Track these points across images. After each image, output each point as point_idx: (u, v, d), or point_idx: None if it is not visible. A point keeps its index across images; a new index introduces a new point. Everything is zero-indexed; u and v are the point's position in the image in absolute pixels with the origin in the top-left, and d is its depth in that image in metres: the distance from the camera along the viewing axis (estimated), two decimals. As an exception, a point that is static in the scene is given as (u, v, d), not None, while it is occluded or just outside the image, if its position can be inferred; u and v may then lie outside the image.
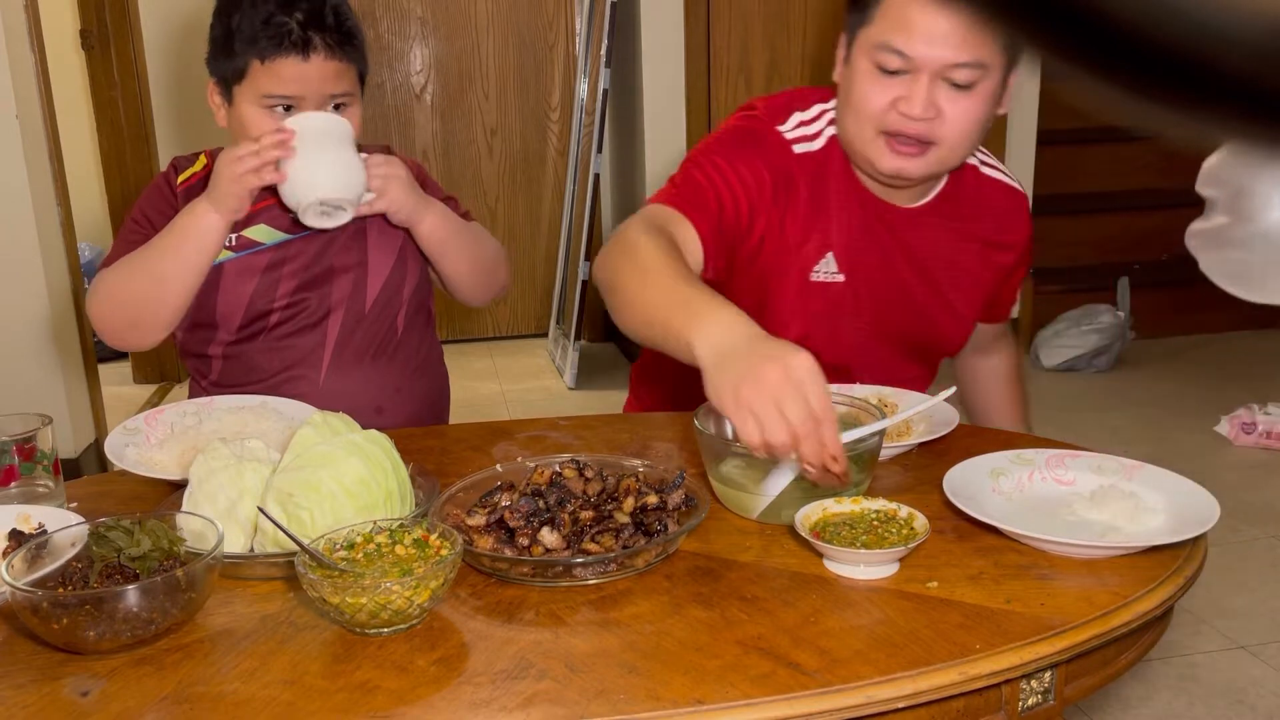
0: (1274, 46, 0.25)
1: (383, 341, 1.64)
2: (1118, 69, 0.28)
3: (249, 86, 1.51)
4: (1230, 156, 0.49)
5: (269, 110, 1.51)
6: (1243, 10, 0.25)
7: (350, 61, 1.54)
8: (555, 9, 4.38)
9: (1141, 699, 2.07)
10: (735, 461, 1.23)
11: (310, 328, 1.60)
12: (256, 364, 1.59)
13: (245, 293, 1.57)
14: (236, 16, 1.50)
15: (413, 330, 1.68)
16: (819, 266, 1.54)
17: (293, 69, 1.49)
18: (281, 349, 1.59)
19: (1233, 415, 3.32)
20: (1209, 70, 0.27)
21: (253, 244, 1.58)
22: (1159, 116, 0.29)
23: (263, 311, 1.58)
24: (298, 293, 1.59)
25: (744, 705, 0.88)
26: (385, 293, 1.64)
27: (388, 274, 1.63)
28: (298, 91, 1.50)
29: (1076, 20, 0.28)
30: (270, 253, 1.58)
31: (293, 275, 1.59)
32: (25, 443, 1.29)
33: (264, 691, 0.92)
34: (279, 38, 1.48)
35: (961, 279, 1.60)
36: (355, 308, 1.62)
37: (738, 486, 1.21)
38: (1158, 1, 0.26)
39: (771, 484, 1.19)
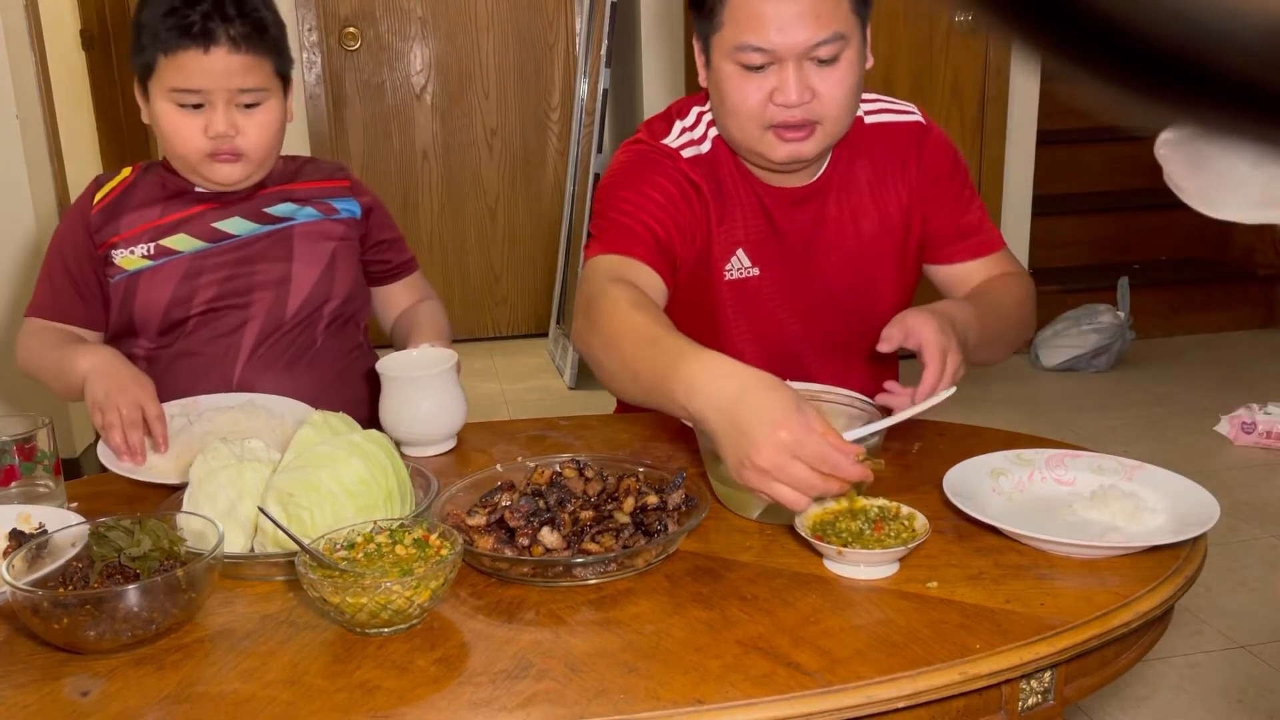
0: (1274, 47, 0.25)
1: (300, 350, 1.61)
2: (1118, 69, 0.28)
3: (157, 82, 1.50)
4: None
5: (179, 108, 1.50)
6: (1242, 10, 0.25)
7: (260, 55, 1.51)
8: (555, 9, 4.38)
9: (1141, 699, 2.07)
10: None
11: (225, 335, 1.58)
12: (173, 368, 1.57)
13: (161, 300, 1.56)
14: (144, 11, 1.50)
15: (335, 340, 1.65)
16: (731, 264, 1.55)
17: (194, 62, 1.47)
18: (196, 354, 1.57)
19: (1233, 415, 3.32)
20: (1209, 70, 0.27)
21: (170, 252, 1.57)
22: (1159, 116, 0.29)
23: (179, 319, 1.56)
24: (215, 300, 1.57)
25: (744, 705, 0.88)
26: (308, 305, 1.61)
27: (311, 286, 1.61)
28: (202, 85, 1.48)
29: (1076, 20, 0.28)
30: (188, 260, 1.57)
31: (211, 284, 1.57)
32: (25, 443, 1.29)
33: (264, 691, 0.92)
34: (180, 30, 1.46)
35: (880, 236, 1.59)
36: (275, 316, 1.59)
37: (738, 486, 1.21)
38: (1158, 2, 0.26)
39: None
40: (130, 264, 1.56)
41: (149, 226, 1.57)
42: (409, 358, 1.49)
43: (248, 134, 1.52)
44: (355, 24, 4.24)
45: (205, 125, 1.50)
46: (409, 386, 1.43)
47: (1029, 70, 3.70)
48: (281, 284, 1.59)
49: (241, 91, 1.51)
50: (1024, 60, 0.30)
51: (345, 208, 1.67)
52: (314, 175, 1.68)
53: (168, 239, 1.57)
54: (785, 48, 1.38)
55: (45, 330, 1.57)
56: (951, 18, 3.84)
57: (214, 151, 1.52)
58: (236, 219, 1.59)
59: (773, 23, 1.37)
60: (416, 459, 1.39)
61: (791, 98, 1.40)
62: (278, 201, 1.62)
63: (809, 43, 1.38)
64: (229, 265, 1.58)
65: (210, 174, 1.55)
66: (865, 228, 1.59)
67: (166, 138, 1.53)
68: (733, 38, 1.40)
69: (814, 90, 1.41)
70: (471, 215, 4.49)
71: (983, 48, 3.91)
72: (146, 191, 1.60)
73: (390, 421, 1.43)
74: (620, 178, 1.53)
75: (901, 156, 1.59)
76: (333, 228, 1.64)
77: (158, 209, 1.58)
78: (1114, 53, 0.28)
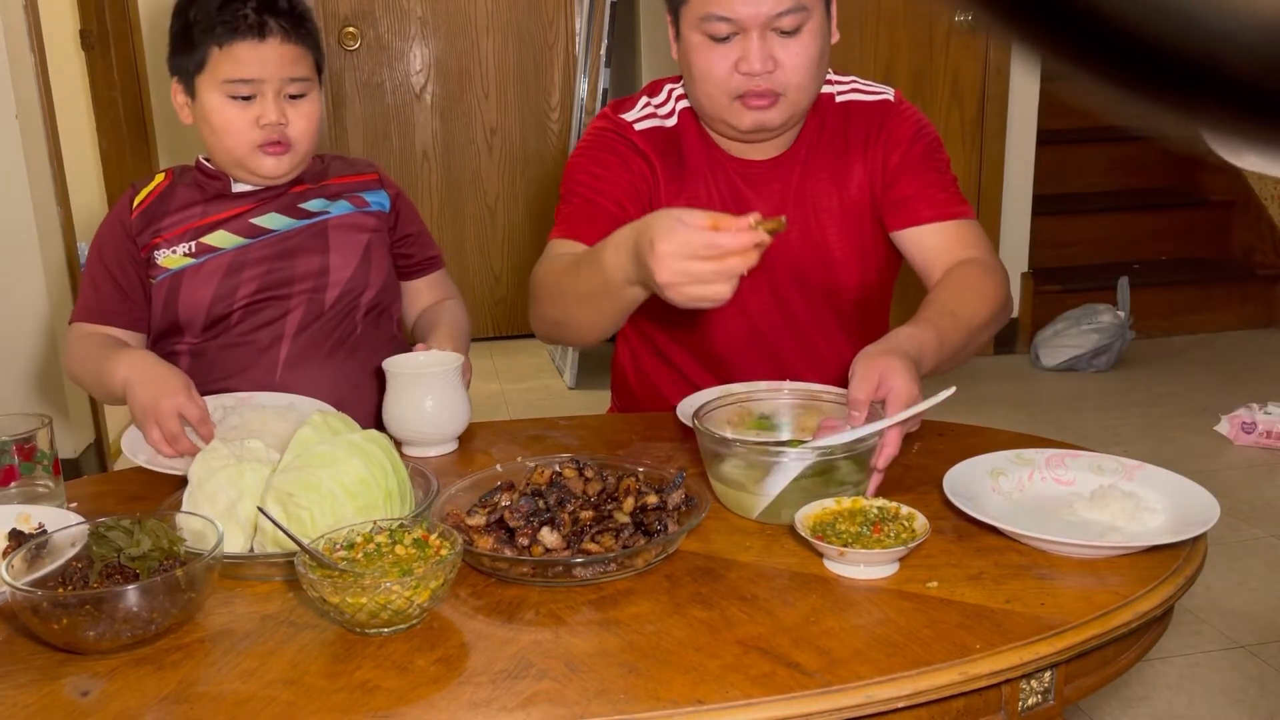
0: (1274, 47, 0.25)
1: (341, 337, 1.65)
2: (1118, 69, 0.28)
3: (209, 75, 1.55)
4: None
5: (231, 100, 1.55)
6: (1243, 11, 0.25)
7: (306, 46, 1.58)
8: (555, 9, 4.38)
9: (1141, 699, 2.07)
10: (735, 461, 1.23)
11: (268, 324, 1.61)
12: (219, 361, 1.61)
13: (205, 297, 1.59)
14: (193, 9, 1.55)
15: (374, 329, 1.69)
16: None
17: (250, 52, 1.53)
18: (241, 345, 1.61)
19: (1233, 415, 3.32)
20: (1209, 71, 0.27)
21: (211, 250, 1.60)
22: (1159, 117, 0.29)
23: (223, 314, 1.60)
24: (258, 293, 1.61)
25: (744, 705, 0.88)
26: (346, 295, 1.64)
27: (349, 277, 1.64)
28: (257, 74, 1.54)
29: (1077, 20, 0.28)
30: (230, 256, 1.60)
31: (253, 279, 1.60)
32: (25, 443, 1.29)
33: (264, 691, 0.92)
34: (234, 22, 1.52)
35: (841, 214, 1.60)
36: (314, 306, 1.63)
37: (738, 486, 1.21)
38: (1158, 3, 0.26)
39: (771, 484, 1.19)
40: (173, 263, 1.59)
41: (190, 227, 1.61)
42: (416, 358, 1.50)
43: (295, 124, 1.58)
44: (355, 24, 4.24)
45: (257, 116, 1.55)
46: (413, 384, 1.43)
47: (1029, 70, 3.70)
48: (320, 275, 1.63)
49: (291, 81, 1.56)
50: (1024, 60, 0.30)
51: (376, 200, 1.71)
52: (343, 170, 1.72)
53: (208, 237, 1.60)
54: (749, 17, 1.44)
55: (88, 338, 1.59)
56: (952, 18, 3.84)
57: (264, 142, 1.56)
58: (273, 214, 1.63)
59: None
60: (416, 459, 1.39)
61: (755, 66, 1.45)
62: (311, 197, 1.66)
63: (771, 12, 1.43)
64: (269, 259, 1.61)
65: (258, 167, 1.59)
66: (826, 205, 1.60)
67: (218, 131, 1.57)
68: (699, 8, 1.46)
69: (777, 60, 1.46)
70: (471, 215, 4.49)
71: (983, 48, 3.91)
72: (185, 194, 1.63)
73: (392, 419, 1.44)
74: (584, 154, 1.60)
75: (865, 134, 1.60)
76: (365, 219, 1.68)
77: (198, 209, 1.62)
78: (1114, 53, 0.28)
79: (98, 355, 1.53)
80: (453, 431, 1.46)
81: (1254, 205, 4.56)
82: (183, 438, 1.38)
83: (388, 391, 1.45)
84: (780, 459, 1.18)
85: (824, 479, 1.19)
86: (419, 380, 1.43)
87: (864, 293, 1.65)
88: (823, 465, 1.19)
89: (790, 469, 1.17)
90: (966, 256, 1.53)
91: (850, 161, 1.60)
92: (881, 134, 1.60)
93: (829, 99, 1.61)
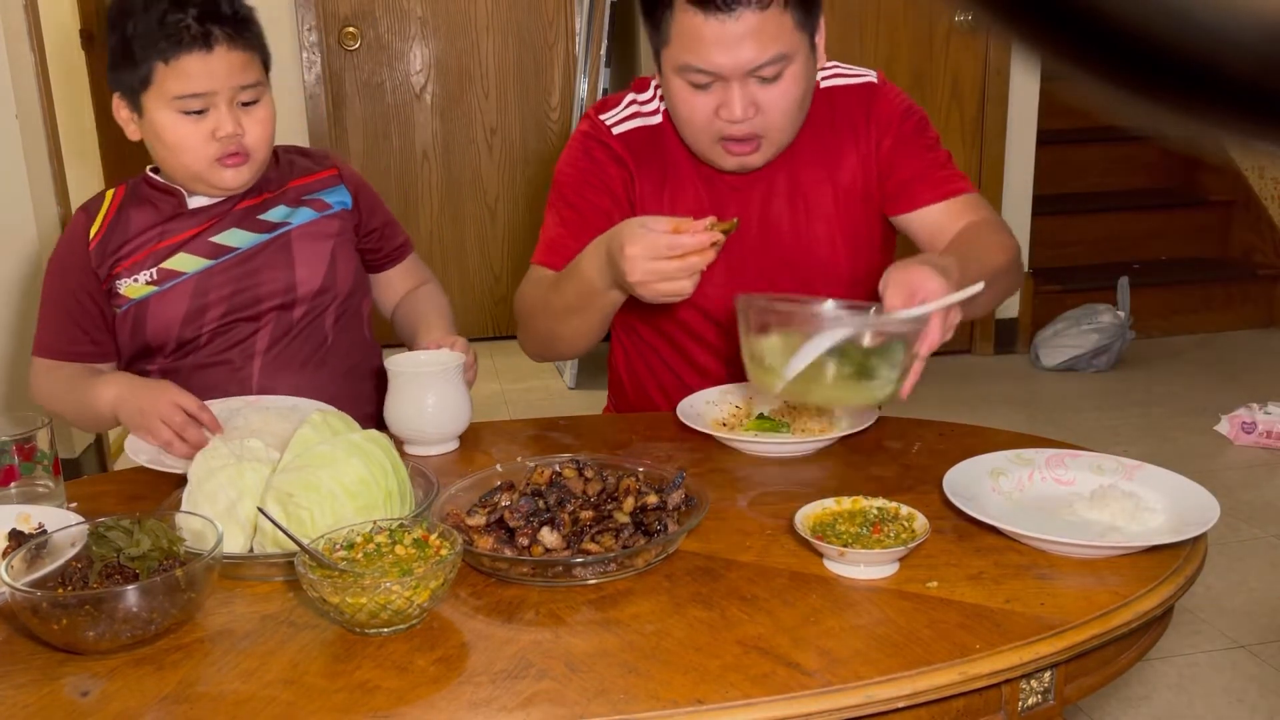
0: (1274, 47, 0.25)
1: (312, 348, 1.62)
2: (1118, 69, 0.28)
3: (156, 92, 1.48)
4: None
5: (184, 115, 1.49)
6: (1243, 12, 0.25)
7: (253, 50, 1.51)
8: (555, 9, 4.38)
9: (1141, 699, 2.07)
10: (771, 340, 1.25)
11: (238, 343, 1.58)
12: (192, 380, 1.56)
13: (174, 321, 1.55)
14: (130, 23, 1.46)
15: (344, 335, 1.66)
16: None
17: (198, 65, 1.46)
18: (213, 364, 1.58)
19: (1233, 415, 3.32)
20: (1209, 71, 0.27)
21: (175, 275, 1.56)
22: (1159, 117, 0.29)
23: (193, 336, 1.57)
24: (226, 316, 1.57)
25: (744, 705, 0.88)
26: (315, 308, 1.62)
27: (317, 287, 1.61)
28: (207, 87, 1.47)
29: (1077, 20, 0.28)
30: (194, 280, 1.56)
31: (220, 301, 1.57)
32: (25, 443, 1.29)
33: (264, 691, 0.92)
34: (178, 35, 1.44)
35: (833, 203, 1.59)
36: (284, 321, 1.60)
37: (761, 366, 1.24)
38: (1158, 3, 0.26)
39: (797, 360, 1.20)
40: (135, 292, 1.55)
41: (149, 252, 1.56)
42: (418, 357, 1.50)
43: (251, 131, 1.52)
44: (355, 24, 4.24)
45: (212, 129, 1.49)
46: (414, 383, 1.43)
47: (1029, 70, 3.70)
48: (287, 291, 1.59)
49: (242, 89, 1.50)
50: (1024, 60, 0.30)
51: (337, 200, 1.66)
52: (303, 168, 1.66)
53: (169, 261, 1.56)
54: (728, 69, 1.40)
55: (55, 370, 1.57)
56: (952, 18, 3.84)
57: (222, 155, 1.51)
58: (234, 230, 1.58)
59: (714, 45, 1.39)
60: (417, 459, 1.39)
61: (736, 113, 1.43)
62: (271, 206, 1.61)
63: (750, 64, 1.40)
64: (234, 280, 1.57)
65: (218, 181, 1.54)
66: (817, 196, 1.59)
67: (172, 149, 1.51)
68: (678, 56, 1.43)
69: (758, 105, 1.44)
70: (471, 215, 4.49)
71: (983, 48, 3.91)
72: (141, 217, 1.58)
73: (394, 418, 1.44)
74: (561, 170, 1.61)
75: (852, 119, 1.59)
76: (328, 224, 1.64)
77: (156, 231, 1.57)
78: (1114, 53, 0.28)
79: (75, 386, 1.52)
80: (454, 430, 1.46)
81: (1254, 205, 4.56)
82: (190, 428, 1.38)
83: (389, 390, 1.45)
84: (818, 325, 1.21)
85: (857, 368, 1.21)
86: (420, 379, 1.43)
87: (859, 279, 1.63)
88: (857, 356, 1.21)
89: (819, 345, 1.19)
90: (972, 220, 1.54)
91: (839, 148, 1.59)
92: (870, 118, 1.58)
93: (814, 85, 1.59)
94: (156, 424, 1.39)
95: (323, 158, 1.70)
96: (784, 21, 1.39)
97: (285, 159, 1.66)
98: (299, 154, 1.69)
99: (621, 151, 1.58)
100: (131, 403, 1.43)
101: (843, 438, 1.40)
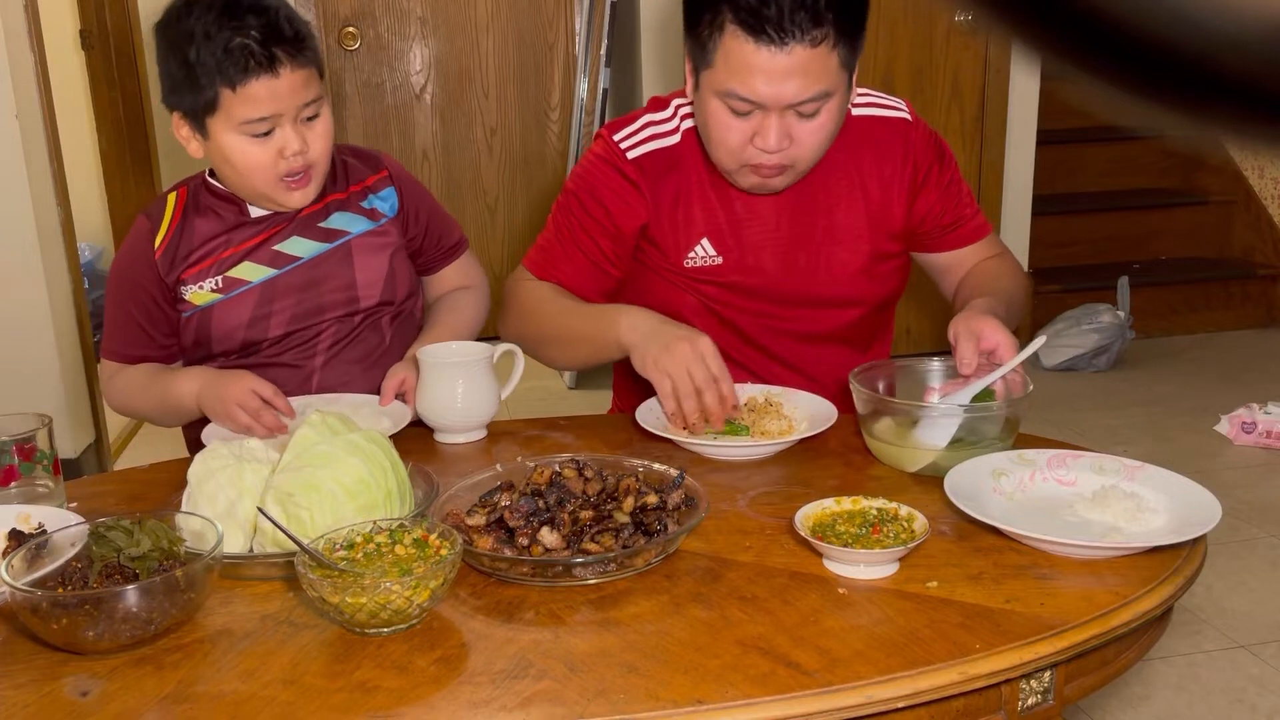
0: (1274, 47, 0.25)
1: (370, 348, 1.64)
2: (1118, 69, 0.28)
3: (224, 117, 1.47)
4: None
5: (250, 138, 1.48)
6: (1242, 11, 0.25)
7: (312, 65, 1.51)
8: (555, 9, 4.38)
9: (1141, 699, 2.07)
10: (888, 421, 1.35)
11: (301, 345, 1.61)
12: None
13: (239, 327, 1.58)
14: (192, 49, 1.45)
15: (400, 337, 1.68)
16: (694, 253, 1.59)
17: (264, 89, 1.45)
18: (274, 365, 1.60)
19: (1233, 415, 3.32)
20: (1209, 71, 0.27)
21: (240, 282, 1.57)
22: (1159, 117, 0.29)
23: (256, 340, 1.59)
24: (290, 324, 1.59)
25: (744, 705, 0.88)
26: (375, 312, 1.64)
27: (378, 296, 1.64)
28: (273, 110, 1.47)
29: (1077, 20, 0.28)
30: (258, 290, 1.58)
31: (284, 310, 1.59)
32: (25, 443, 1.29)
33: (264, 691, 0.92)
34: (244, 61, 1.43)
35: (856, 228, 1.60)
36: (345, 325, 1.62)
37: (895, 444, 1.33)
38: (1158, 3, 0.26)
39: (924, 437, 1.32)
40: (201, 299, 1.57)
41: (214, 261, 1.57)
42: (449, 347, 1.55)
43: (314, 146, 1.52)
44: (355, 24, 4.24)
45: (279, 149, 1.49)
46: (444, 373, 1.48)
47: (1029, 70, 3.70)
48: (349, 301, 1.62)
49: (305, 105, 1.50)
50: (1024, 60, 0.30)
51: (389, 205, 1.68)
52: (358, 174, 1.67)
53: (234, 270, 1.57)
54: (770, 100, 1.41)
55: (130, 373, 1.61)
56: (952, 18, 3.84)
57: (288, 174, 1.51)
58: (296, 239, 1.60)
59: (761, 76, 1.39)
60: (445, 443, 1.48)
61: (770, 144, 1.43)
62: (331, 213, 1.63)
63: (794, 99, 1.41)
64: (297, 290, 1.59)
65: (284, 201, 1.55)
66: (841, 219, 1.60)
67: (241, 172, 1.51)
68: (722, 81, 1.42)
69: (793, 138, 1.44)
70: (471, 215, 4.49)
71: (983, 48, 3.90)
72: (205, 225, 1.59)
73: (424, 406, 1.49)
74: (571, 187, 1.63)
75: (887, 152, 1.60)
76: (384, 233, 1.66)
77: (221, 239, 1.58)
78: (1114, 53, 0.28)
79: (154, 384, 1.57)
80: (482, 419, 1.51)
81: (1254, 205, 4.56)
82: (265, 412, 1.45)
83: (420, 380, 1.50)
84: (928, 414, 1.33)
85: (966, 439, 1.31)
86: (450, 369, 1.48)
87: (873, 304, 1.67)
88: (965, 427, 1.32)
89: (945, 424, 1.31)
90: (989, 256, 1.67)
91: (868, 180, 1.60)
92: (905, 155, 1.60)
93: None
94: (235, 410, 1.44)
95: (375, 160, 1.71)
96: (830, 60, 1.39)
97: (340, 161, 1.67)
98: (352, 154, 1.69)
99: (635, 175, 1.58)
100: (210, 390, 1.49)
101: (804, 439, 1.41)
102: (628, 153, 1.59)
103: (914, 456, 1.32)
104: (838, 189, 1.59)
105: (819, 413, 1.46)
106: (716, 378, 1.38)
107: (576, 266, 1.61)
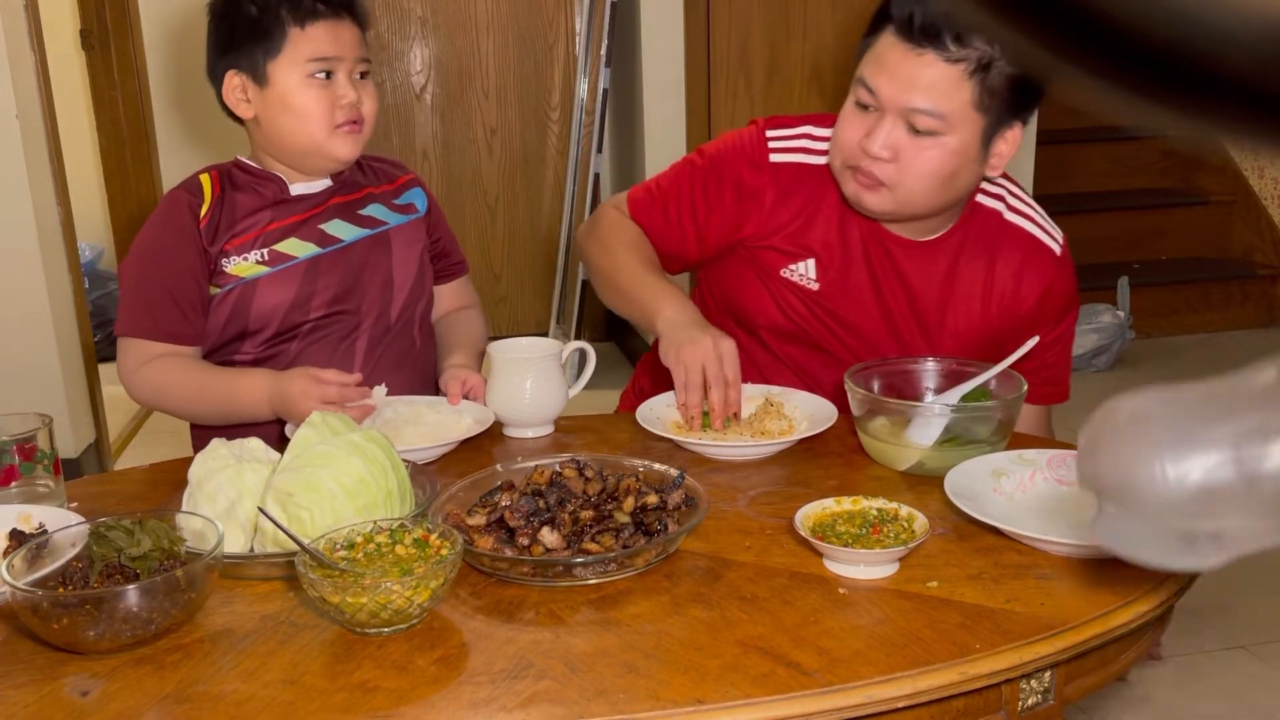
0: (1274, 47, 0.25)
1: (403, 351, 1.66)
2: (1117, 68, 0.28)
3: (289, 57, 1.52)
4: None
5: (311, 79, 1.52)
6: (1242, 10, 0.25)
7: (365, 28, 1.59)
8: (555, 9, 4.38)
9: (1141, 699, 2.07)
10: (880, 419, 1.36)
11: (341, 338, 1.60)
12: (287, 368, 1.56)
13: (281, 305, 1.56)
14: (253, 6, 1.52)
15: (427, 341, 1.71)
16: (794, 267, 1.58)
17: (329, 31, 1.52)
18: (312, 357, 1.57)
19: (1233, 415, 3.31)
20: (1209, 70, 0.27)
21: (286, 258, 1.57)
22: (1159, 116, 0.29)
23: (297, 322, 1.57)
24: (332, 304, 1.59)
25: (744, 705, 0.88)
26: (408, 307, 1.65)
27: (410, 286, 1.65)
28: (335, 52, 1.53)
29: (1076, 20, 0.28)
30: (305, 265, 1.57)
31: (328, 288, 1.58)
32: (25, 443, 1.29)
33: (264, 691, 0.92)
34: (312, 5, 1.52)
35: (957, 320, 1.57)
36: (382, 322, 1.63)
37: (886, 441, 1.34)
38: (1158, 2, 0.26)
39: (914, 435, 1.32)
40: (245, 271, 1.55)
41: (260, 233, 1.56)
42: (519, 343, 1.57)
43: (366, 103, 1.57)
44: (355, 24, 4.23)
45: (336, 95, 1.54)
46: (515, 368, 1.51)
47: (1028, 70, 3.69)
48: (385, 288, 1.63)
49: (359, 60, 1.56)
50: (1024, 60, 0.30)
51: (421, 203, 1.71)
52: (387, 175, 1.70)
53: (281, 245, 1.57)
54: (887, 98, 1.40)
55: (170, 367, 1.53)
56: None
57: (344, 121, 1.55)
58: (337, 222, 1.61)
59: (889, 68, 1.40)
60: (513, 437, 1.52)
61: (874, 147, 1.42)
62: (367, 203, 1.64)
63: (907, 104, 1.39)
64: (340, 269, 1.60)
65: (334, 150, 1.55)
66: (955, 312, 1.57)
67: (299, 116, 1.53)
68: (861, 70, 1.44)
69: (896, 150, 1.42)
70: (471, 215, 4.49)
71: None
72: (246, 200, 1.58)
73: (495, 401, 1.51)
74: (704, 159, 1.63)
75: (1025, 275, 1.56)
76: (418, 226, 1.69)
77: (266, 214, 1.57)
78: (1114, 53, 0.28)
79: (209, 384, 1.52)
80: (550, 414, 1.53)
81: (1254, 205, 4.56)
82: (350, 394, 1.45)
83: (491, 375, 1.53)
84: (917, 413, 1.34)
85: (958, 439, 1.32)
86: (521, 364, 1.51)
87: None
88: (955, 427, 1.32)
89: (933, 422, 1.32)
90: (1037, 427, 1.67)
91: (994, 280, 1.56)
92: (1043, 296, 1.56)
93: (997, 215, 1.56)
94: (315, 402, 1.41)
95: (399, 164, 1.75)
96: (962, 88, 1.37)
97: (367, 164, 1.69)
98: (377, 160, 1.72)
99: (767, 180, 1.56)
100: (289, 384, 1.45)
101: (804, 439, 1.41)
102: (771, 155, 1.57)
103: (903, 455, 1.33)
104: (953, 280, 1.56)
105: (819, 413, 1.46)
106: (728, 381, 1.41)
107: (671, 230, 1.63)
